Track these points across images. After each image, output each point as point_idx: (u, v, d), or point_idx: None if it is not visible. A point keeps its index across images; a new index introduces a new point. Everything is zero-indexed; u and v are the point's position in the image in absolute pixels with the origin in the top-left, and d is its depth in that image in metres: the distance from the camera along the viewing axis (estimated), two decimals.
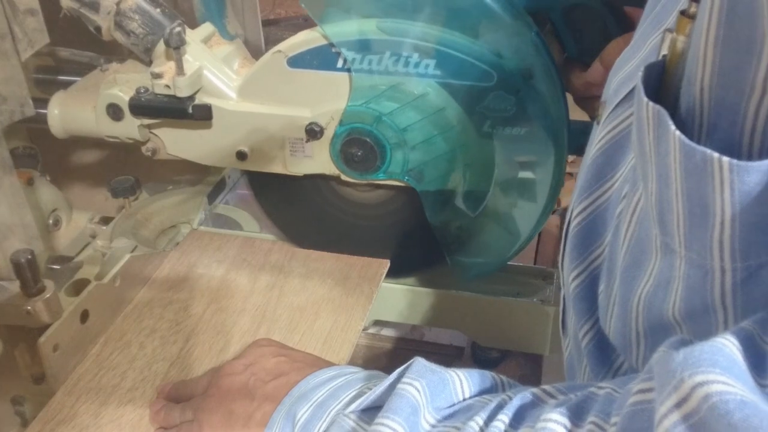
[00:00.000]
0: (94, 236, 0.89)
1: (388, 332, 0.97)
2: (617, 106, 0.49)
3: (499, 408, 0.43)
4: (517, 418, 0.42)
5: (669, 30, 0.39)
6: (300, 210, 0.81)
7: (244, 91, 0.73)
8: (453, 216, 0.74)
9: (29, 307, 0.62)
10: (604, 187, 0.50)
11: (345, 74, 0.69)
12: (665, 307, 0.40)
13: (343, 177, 0.74)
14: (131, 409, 0.63)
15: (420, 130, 0.69)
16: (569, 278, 0.53)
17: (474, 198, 0.73)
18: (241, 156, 0.75)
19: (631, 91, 0.48)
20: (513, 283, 0.81)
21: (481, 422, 0.42)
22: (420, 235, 0.77)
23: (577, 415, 0.39)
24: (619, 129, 0.49)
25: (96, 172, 1.00)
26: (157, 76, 0.70)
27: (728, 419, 0.29)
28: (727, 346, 0.31)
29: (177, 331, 0.72)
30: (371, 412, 0.47)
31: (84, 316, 0.68)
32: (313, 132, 0.71)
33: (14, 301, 0.63)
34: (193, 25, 0.76)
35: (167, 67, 0.70)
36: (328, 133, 0.71)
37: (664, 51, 0.39)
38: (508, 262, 0.79)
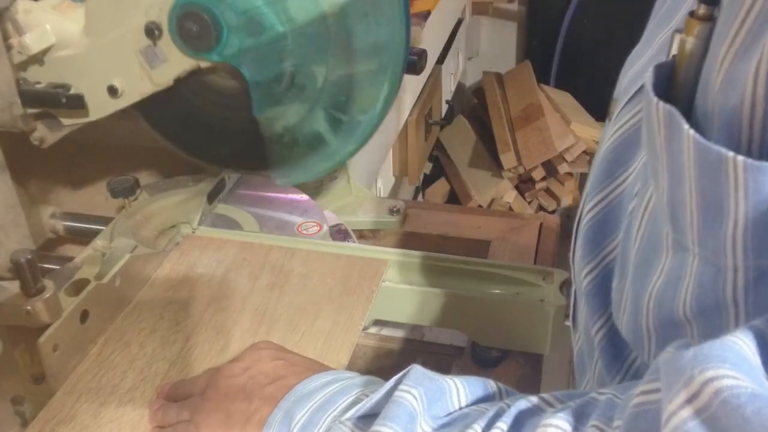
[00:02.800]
0: (55, 232, 0.90)
1: (387, 332, 0.97)
2: (627, 102, 0.50)
3: (498, 416, 0.43)
4: (516, 426, 0.42)
5: (678, 31, 0.39)
6: (186, 117, 0.82)
7: (86, 32, 0.75)
8: (279, 115, 0.75)
9: (29, 307, 0.62)
10: (616, 182, 0.50)
11: None
12: (675, 305, 0.41)
13: (202, 64, 0.74)
14: (131, 409, 0.63)
15: (262, 17, 0.70)
16: (581, 274, 0.53)
17: (303, 98, 0.74)
18: (112, 91, 0.76)
19: (641, 88, 0.48)
20: (513, 283, 0.81)
21: (479, 430, 0.42)
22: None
23: (578, 419, 0.39)
24: (630, 125, 0.49)
25: (96, 173, 1.00)
26: (9, 47, 0.73)
27: (741, 412, 0.29)
28: (737, 343, 0.31)
29: (177, 330, 0.72)
30: (368, 419, 0.47)
31: (84, 316, 0.68)
32: (152, 31, 0.72)
33: (14, 301, 0.63)
34: None
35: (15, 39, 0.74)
36: (166, 28, 0.72)
37: (674, 51, 0.39)
38: (507, 262, 0.78)
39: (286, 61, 0.73)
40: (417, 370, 0.47)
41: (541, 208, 2.26)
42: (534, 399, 0.44)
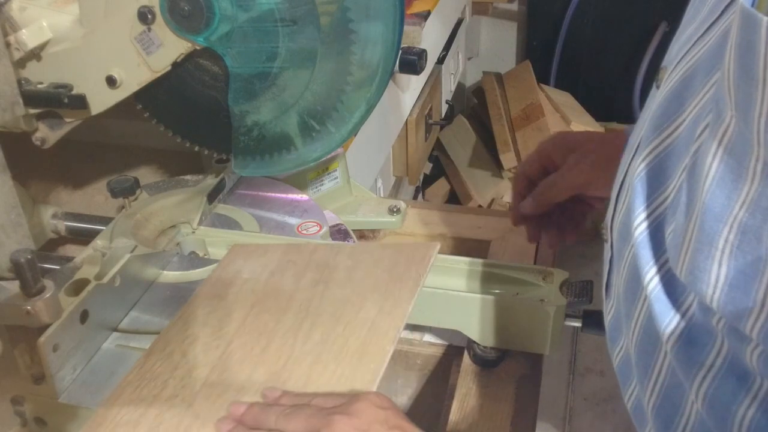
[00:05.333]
0: (57, 232, 0.90)
1: None
2: (679, 62, 0.52)
3: None
4: None
5: None
6: (190, 105, 0.81)
7: (81, 23, 0.75)
8: (253, 109, 0.76)
9: (29, 307, 0.62)
10: (665, 133, 0.51)
11: None
12: (766, 227, 0.41)
13: (196, 46, 0.74)
14: (170, 416, 0.62)
15: (255, 10, 0.70)
16: (633, 226, 0.53)
17: (280, 100, 0.74)
18: (111, 82, 0.76)
19: (691, 48, 0.50)
20: (513, 283, 0.81)
21: None
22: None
23: None
24: (678, 79, 0.51)
25: (96, 173, 1.00)
26: (8, 44, 0.73)
27: None
28: None
29: (219, 336, 0.70)
30: None
31: (84, 316, 0.68)
32: (145, 16, 0.72)
33: (14, 301, 0.63)
34: None
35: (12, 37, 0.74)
36: (158, 11, 0.72)
37: None
38: (507, 262, 0.78)
39: (274, 62, 0.73)
40: None
41: None
42: None
